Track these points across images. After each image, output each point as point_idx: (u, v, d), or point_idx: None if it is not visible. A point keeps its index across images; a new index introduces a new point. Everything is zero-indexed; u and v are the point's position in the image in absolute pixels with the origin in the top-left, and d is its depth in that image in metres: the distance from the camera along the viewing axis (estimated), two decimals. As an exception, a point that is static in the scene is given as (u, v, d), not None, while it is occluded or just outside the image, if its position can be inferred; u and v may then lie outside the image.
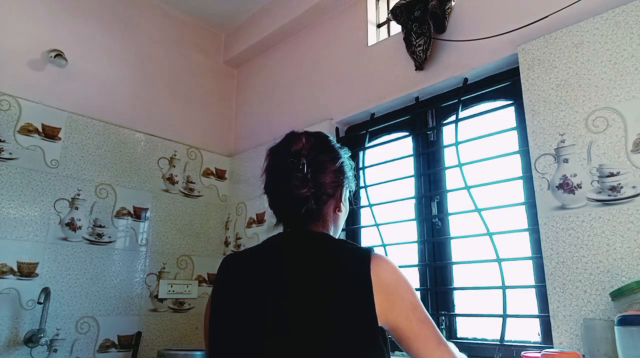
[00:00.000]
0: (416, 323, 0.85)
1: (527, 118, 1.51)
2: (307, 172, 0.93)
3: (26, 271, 1.90)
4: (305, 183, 0.92)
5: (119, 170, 2.27)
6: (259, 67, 2.80)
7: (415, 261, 1.85)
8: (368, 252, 0.87)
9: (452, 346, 0.93)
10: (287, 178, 0.93)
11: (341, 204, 1.02)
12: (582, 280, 1.30)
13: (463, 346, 1.64)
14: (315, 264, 0.87)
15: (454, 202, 1.79)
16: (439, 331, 0.87)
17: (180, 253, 2.43)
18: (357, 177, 1.05)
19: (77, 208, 2.09)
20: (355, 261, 0.85)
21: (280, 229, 1.02)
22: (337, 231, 1.04)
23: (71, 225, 2.06)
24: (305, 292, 0.84)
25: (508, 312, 1.52)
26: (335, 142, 1.05)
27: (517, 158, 1.61)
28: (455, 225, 1.77)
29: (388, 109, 2.07)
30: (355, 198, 1.06)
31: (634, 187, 1.25)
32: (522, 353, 1.23)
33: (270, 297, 0.86)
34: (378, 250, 0.91)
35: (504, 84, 1.70)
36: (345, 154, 1.04)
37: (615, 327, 1.06)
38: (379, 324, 0.82)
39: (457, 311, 1.71)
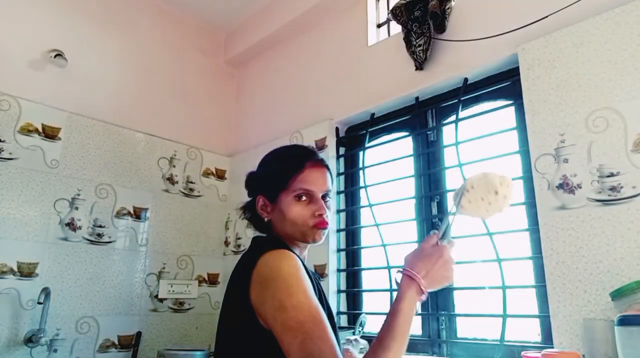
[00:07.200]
0: (280, 327, 0.80)
1: (527, 118, 1.51)
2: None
3: (26, 271, 1.90)
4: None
5: (119, 170, 2.27)
6: (259, 67, 2.80)
7: (415, 261, 1.85)
8: (265, 249, 0.91)
9: None
10: None
11: (268, 208, 1.10)
12: (582, 280, 1.30)
13: (463, 346, 1.64)
14: (238, 264, 0.99)
15: (454, 202, 1.79)
16: (312, 343, 0.76)
17: (180, 253, 2.43)
18: (279, 172, 1.11)
19: (77, 209, 2.09)
20: (251, 257, 0.92)
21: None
22: (285, 228, 1.03)
23: (71, 225, 2.06)
24: (227, 289, 0.99)
25: (508, 312, 1.52)
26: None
27: (517, 158, 1.61)
28: (455, 225, 1.77)
29: (388, 109, 2.06)
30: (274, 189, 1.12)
31: (634, 187, 1.25)
32: (522, 353, 1.23)
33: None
34: (281, 251, 0.91)
35: (504, 84, 1.70)
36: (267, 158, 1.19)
37: (615, 327, 1.06)
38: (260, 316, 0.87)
39: (457, 311, 1.71)
